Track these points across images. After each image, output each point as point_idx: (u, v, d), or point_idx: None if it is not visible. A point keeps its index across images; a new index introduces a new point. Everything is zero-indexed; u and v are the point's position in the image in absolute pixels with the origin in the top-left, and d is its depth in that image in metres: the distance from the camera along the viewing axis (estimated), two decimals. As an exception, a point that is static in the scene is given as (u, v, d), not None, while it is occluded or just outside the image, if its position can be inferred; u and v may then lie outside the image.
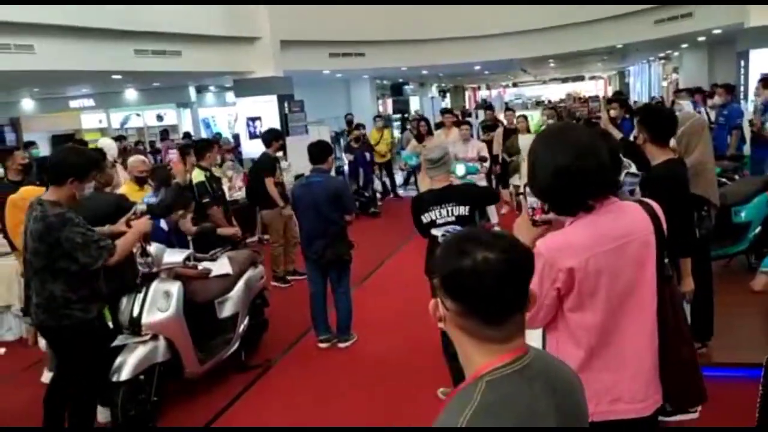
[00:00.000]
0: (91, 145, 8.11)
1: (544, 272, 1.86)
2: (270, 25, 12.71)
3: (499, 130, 10.18)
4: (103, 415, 4.10)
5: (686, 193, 3.61)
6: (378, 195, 12.61)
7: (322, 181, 5.13)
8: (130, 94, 19.06)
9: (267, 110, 12.91)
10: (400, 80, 24.94)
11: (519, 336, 1.27)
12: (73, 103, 19.48)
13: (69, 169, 3.38)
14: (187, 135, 16.33)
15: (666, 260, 2.14)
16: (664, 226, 2.06)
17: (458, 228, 3.84)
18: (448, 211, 3.87)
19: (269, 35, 12.76)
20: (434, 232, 3.86)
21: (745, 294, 4.90)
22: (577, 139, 1.87)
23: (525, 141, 8.75)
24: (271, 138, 7.30)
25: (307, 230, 5.16)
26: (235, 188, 9.62)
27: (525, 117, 9.54)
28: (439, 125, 11.48)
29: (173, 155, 8.56)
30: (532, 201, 2.02)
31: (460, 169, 7.43)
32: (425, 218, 3.92)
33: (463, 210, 3.89)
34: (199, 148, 6.55)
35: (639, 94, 26.56)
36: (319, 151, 5.26)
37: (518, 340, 1.27)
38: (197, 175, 6.15)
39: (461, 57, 16.21)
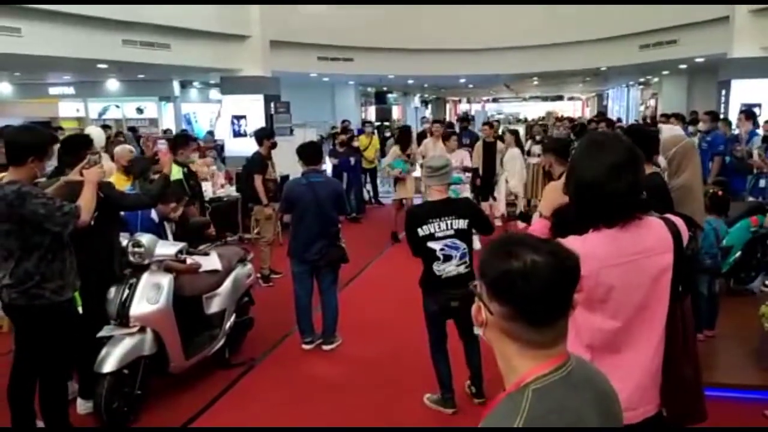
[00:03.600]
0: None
1: None
2: (261, 24, 12.71)
3: (479, 144, 10.24)
4: (83, 407, 4.02)
5: (670, 203, 3.68)
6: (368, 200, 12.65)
7: (324, 181, 5.11)
8: (112, 84, 18.79)
9: (253, 109, 12.88)
10: (384, 88, 25.09)
11: (562, 341, 1.27)
12: (52, 90, 19.14)
13: (28, 149, 3.37)
14: (165, 132, 16.16)
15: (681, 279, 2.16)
16: (685, 243, 2.08)
17: (457, 242, 3.84)
18: (447, 224, 3.82)
19: (260, 34, 12.77)
20: (431, 245, 3.82)
21: (726, 316, 5.05)
22: (615, 156, 1.86)
23: (510, 155, 8.87)
24: (263, 136, 7.27)
25: (306, 231, 5.03)
26: (217, 185, 9.54)
27: (514, 132, 9.63)
28: (422, 135, 11.57)
29: (162, 146, 8.46)
30: None
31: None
32: (422, 231, 3.82)
33: (462, 223, 3.86)
34: (176, 143, 6.46)
35: (617, 117, 27.07)
36: (314, 152, 5.25)
37: (561, 345, 1.27)
38: (175, 172, 6.06)
39: (449, 69, 16.37)
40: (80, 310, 3.97)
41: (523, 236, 1.29)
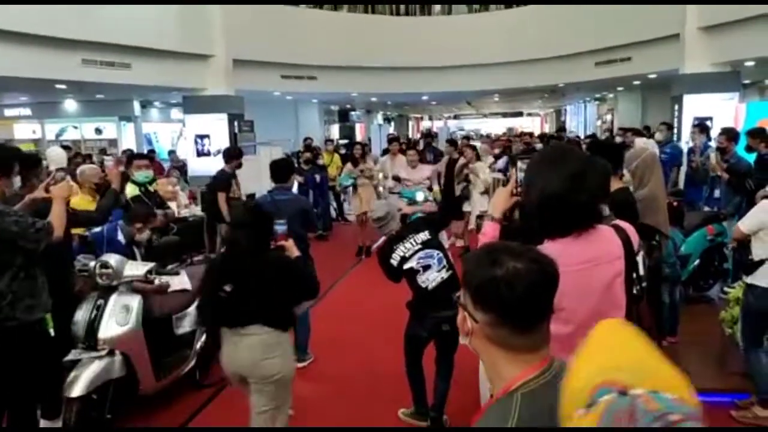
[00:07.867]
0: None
1: None
2: (224, 42, 12.67)
3: (445, 159, 10.31)
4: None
5: (637, 218, 3.79)
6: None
7: (290, 198, 5.09)
8: (70, 105, 18.39)
9: (217, 128, 12.80)
10: (348, 106, 25.20)
11: (545, 345, 1.32)
12: (8, 112, 18.65)
13: None
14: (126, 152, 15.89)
15: (636, 282, 2.22)
16: (636, 247, 2.14)
17: (429, 251, 3.88)
18: (412, 243, 3.90)
19: (223, 53, 12.72)
20: (407, 266, 3.87)
21: (687, 323, 5.21)
22: (574, 167, 1.90)
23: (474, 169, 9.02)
24: (229, 156, 7.24)
25: None
26: (182, 205, 9.41)
27: (473, 146, 9.86)
28: (385, 151, 11.67)
29: (109, 162, 8.33)
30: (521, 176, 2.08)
31: (419, 196, 7.57)
32: (395, 259, 3.90)
33: (423, 236, 3.93)
34: (127, 161, 6.37)
35: (575, 135, 27.65)
36: (283, 169, 5.23)
37: (545, 349, 1.31)
38: (132, 190, 6.00)
39: (412, 86, 16.52)
40: (51, 332, 3.85)
41: (505, 245, 1.33)
